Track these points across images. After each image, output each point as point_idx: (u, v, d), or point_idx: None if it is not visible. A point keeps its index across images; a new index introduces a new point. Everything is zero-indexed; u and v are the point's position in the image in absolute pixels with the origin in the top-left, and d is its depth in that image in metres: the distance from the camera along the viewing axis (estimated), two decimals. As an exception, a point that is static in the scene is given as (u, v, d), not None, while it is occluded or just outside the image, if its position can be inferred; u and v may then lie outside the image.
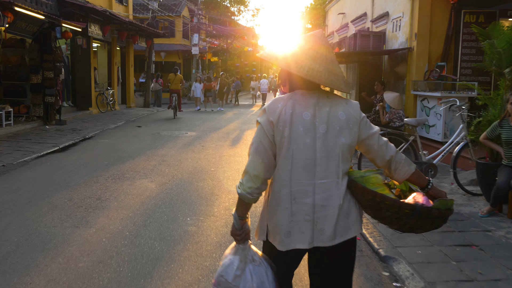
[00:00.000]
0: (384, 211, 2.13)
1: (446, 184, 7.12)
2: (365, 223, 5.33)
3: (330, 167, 2.13)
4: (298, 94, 2.19)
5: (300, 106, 2.14)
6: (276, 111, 2.14)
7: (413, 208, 2.08)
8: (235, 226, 2.28)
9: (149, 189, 6.88)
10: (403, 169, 2.25)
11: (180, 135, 13.15)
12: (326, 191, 2.13)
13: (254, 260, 2.25)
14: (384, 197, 2.11)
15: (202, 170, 8.36)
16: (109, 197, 6.38)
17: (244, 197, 2.18)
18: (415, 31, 10.69)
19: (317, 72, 2.12)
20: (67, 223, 5.25)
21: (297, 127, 2.11)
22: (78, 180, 7.32)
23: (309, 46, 2.18)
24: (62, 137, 11.89)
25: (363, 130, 2.21)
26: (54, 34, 14.08)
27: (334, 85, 2.17)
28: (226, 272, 2.25)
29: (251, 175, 2.16)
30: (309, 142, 2.11)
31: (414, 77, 10.73)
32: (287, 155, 2.12)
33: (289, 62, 2.17)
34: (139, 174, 7.84)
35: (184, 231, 5.05)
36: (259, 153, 2.17)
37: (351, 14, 17.07)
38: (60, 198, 6.29)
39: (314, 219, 2.13)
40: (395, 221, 2.15)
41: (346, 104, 2.20)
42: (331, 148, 2.13)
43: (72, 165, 8.62)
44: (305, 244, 2.14)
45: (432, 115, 9.93)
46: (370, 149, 2.25)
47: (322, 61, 2.15)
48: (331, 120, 2.13)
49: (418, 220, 2.10)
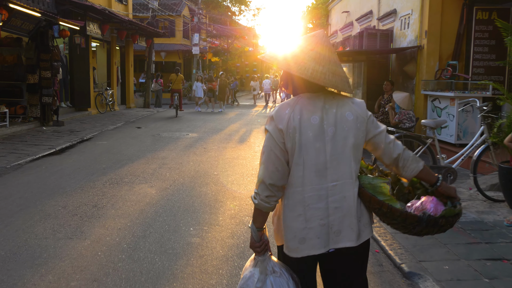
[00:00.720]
0: (390, 219, 2.17)
1: (464, 189, 6.71)
2: (383, 233, 4.93)
3: (342, 169, 2.12)
4: (304, 97, 2.17)
5: (307, 110, 2.12)
6: (284, 118, 2.11)
7: (419, 220, 2.09)
8: (253, 238, 2.25)
9: (149, 195, 6.47)
10: (411, 166, 2.24)
11: (181, 136, 12.74)
12: (340, 192, 2.12)
13: (275, 271, 2.22)
14: (390, 208, 2.12)
15: (204, 174, 7.96)
16: (106, 204, 5.97)
17: (262, 206, 2.16)
18: (425, 29, 10.29)
19: (320, 74, 2.09)
20: (60, 234, 4.84)
21: (307, 133, 2.09)
22: (74, 185, 6.92)
23: (311, 48, 2.15)
24: (59, 138, 11.48)
25: (371, 129, 2.20)
26: (51, 33, 13.68)
27: (339, 87, 2.15)
28: (247, 285, 2.22)
29: (267, 184, 2.13)
30: (319, 146, 2.10)
31: (424, 77, 10.32)
32: (299, 161, 2.10)
33: (291, 64, 2.13)
34: (138, 179, 7.43)
35: (187, 243, 4.64)
36: (272, 161, 2.13)
37: (356, 12, 16.67)
38: (54, 205, 5.88)
39: (329, 223, 2.11)
40: (402, 228, 2.20)
41: (352, 103, 2.19)
42: (341, 149, 2.11)
43: (68, 168, 8.21)
44: (320, 249, 2.12)
45: (444, 115, 9.52)
46: (377, 147, 2.24)
47: (325, 62, 2.12)
48: (339, 121, 2.12)
49: (424, 228, 2.14)
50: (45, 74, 13.47)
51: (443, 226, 2.15)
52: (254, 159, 9.49)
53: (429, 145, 6.09)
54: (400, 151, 2.24)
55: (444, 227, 2.17)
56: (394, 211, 2.12)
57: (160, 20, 31.75)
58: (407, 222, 2.12)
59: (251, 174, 8.03)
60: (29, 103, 13.55)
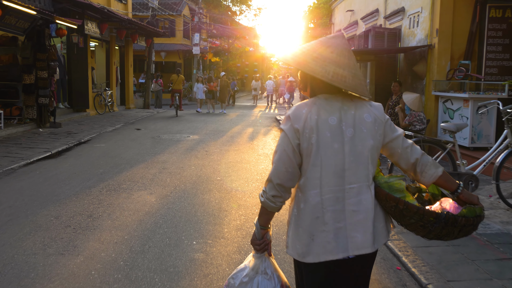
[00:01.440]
0: (407, 218, 2.07)
1: (484, 196, 6.30)
2: (403, 247, 4.52)
3: (360, 171, 2.07)
4: (321, 98, 2.13)
5: (325, 111, 2.08)
6: (301, 118, 2.07)
7: (437, 216, 2.01)
8: (256, 235, 2.24)
9: (148, 203, 6.06)
10: (429, 171, 2.17)
11: (181, 138, 12.33)
12: (357, 195, 2.06)
13: (266, 273, 2.20)
14: (406, 204, 2.05)
15: (207, 179, 7.55)
16: (102, 213, 5.56)
17: (268, 205, 2.14)
18: (436, 27, 9.87)
19: (341, 77, 2.06)
20: (51, 248, 4.43)
21: (324, 133, 2.04)
22: (68, 192, 6.50)
23: (331, 50, 2.11)
24: (56, 141, 11.07)
25: (388, 133, 2.16)
26: (48, 32, 13.28)
27: (359, 91, 2.10)
28: (236, 275, 2.23)
29: (274, 184, 2.10)
30: (337, 147, 2.05)
31: (435, 77, 9.91)
32: (316, 162, 2.05)
33: (312, 66, 2.08)
34: (137, 185, 7.02)
35: (189, 260, 4.22)
36: (282, 161, 2.09)
37: (361, 11, 16.26)
38: (46, 215, 5.47)
39: (346, 226, 2.05)
40: (420, 229, 2.08)
41: (370, 106, 2.16)
42: (360, 151, 2.07)
43: (64, 173, 7.80)
44: (338, 254, 2.04)
45: (457, 118, 9.12)
46: (394, 152, 2.19)
47: (345, 65, 2.09)
48: (357, 123, 2.08)
49: (444, 228, 2.02)
50: (41, 74, 13.07)
51: (465, 226, 2.04)
52: (258, 163, 9.08)
53: (449, 150, 5.67)
54: (418, 156, 2.18)
55: (466, 229, 2.06)
56: (410, 207, 2.04)
57: (160, 20, 31.34)
58: (425, 219, 2.02)
59: (256, 179, 7.62)
60: (25, 104, 13.15)
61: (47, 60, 13.14)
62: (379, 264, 4.26)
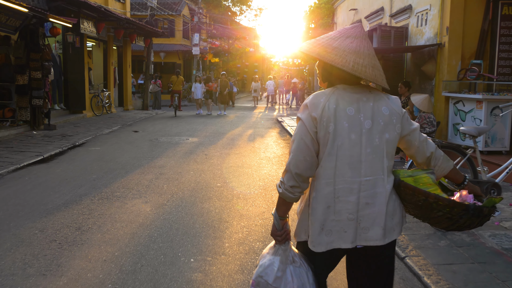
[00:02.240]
0: (435, 211, 2.09)
1: (503, 205, 5.86)
2: (424, 265, 4.06)
3: (376, 164, 2.07)
4: (340, 88, 2.12)
5: (344, 101, 2.07)
6: (319, 106, 2.06)
7: (467, 208, 2.05)
8: (275, 226, 2.22)
9: (143, 213, 5.60)
10: (442, 165, 2.24)
11: (180, 141, 11.87)
12: (372, 188, 2.06)
13: (295, 261, 2.18)
14: (438, 197, 2.06)
15: (206, 186, 7.10)
16: (92, 226, 5.10)
17: (286, 196, 2.13)
18: (446, 25, 9.44)
19: (362, 67, 2.04)
20: (32, 268, 3.97)
21: (342, 123, 2.04)
22: (57, 201, 6.05)
23: (350, 40, 2.10)
24: (49, 144, 10.62)
25: (405, 126, 2.16)
26: (42, 31, 12.82)
27: (378, 81, 2.08)
28: (266, 273, 2.18)
29: (293, 173, 2.08)
30: (355, 138, 2.04)
31: (445, 77, 9.47)
32: (332, 151, 2.05)
33: (332, 56, 2.07)
34: (131, 192, 6.57)
35: (186, 281, 3.77)
36: (301, 150, 2.07)
37: (365, 9, 15.83)
38: (31, 227, 5.01)
39: (357, 218, 2.06)
40: (445, 221, 2.11)
41: (387, 99, 2.15)
42: (377, 144, 2.07)
43: (54, 180, 7.35)
44: (347, 243, 2.06)
45: (469, 120, 8.67)
46: (411, 145, 2.21)
47: (365, 55, 2.07)
48: (375, 115, 2.08)
49: (469, 219, 2.08)
50: (35, 74, 12.61)
51: (486, 216, 2.10)
52: (260, 168, 8.63)
53: (469, 156, 5.22)
54: (433, 150, 2.23)
55: (486, 218, 2.12)
56: (441, 200, 2.05)
57: (159, 20, 30.91)
58: (454, 211, 2.05)
59: (258, 186, 7.17)
60: (18, 106, 12.67)
61: (41, 60, 12.68)
62: (397, 285, 3.81)
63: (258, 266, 2.23)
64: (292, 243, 2.24)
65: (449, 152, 5.24)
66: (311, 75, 37.68)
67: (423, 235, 4.82)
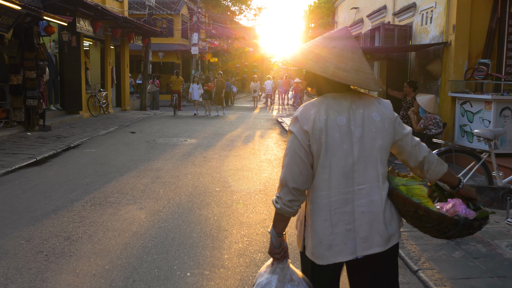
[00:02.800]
0: (425, 222, 2.08)
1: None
2: (439, 279, 3.76)
3: (369, 172, 2.03)
4: (329, 97, 2.07)
5: (333, 110, 2.03)
6: (309, 119, 2.02)
7: (456, 223, 2.06)
8: (273, 244, 2.15)
9: (137, 221, 5.29)
10: (436, 169, 2.20)
11: (178, 143, 11.56)
12: (367, 196, 2.03)
13: (293, 280, 2.13)
14: (428, 211, 2.05)
15: (204, 190, 6.79)
16: (82, 235, 4.79)
17: (285, 211, 2.07)
18: (452, 23, 9.13)
19: (343, 72, 1.99)
20: (14, 284, 3.65)
21: (333, 134, 2.00)
22: (47, 208, 5.74)
23: (333, 45, 2.04)
24: (43, 146, 10.30)
25: (398, 130, 2.12)
26: (37, 30, 12.50)
27: (363, 84, 2.03)
28: None
29: (290, 188, 2.03)
30: (346, 148, 2.01)
31: (451, 77, 9.15)
32: (325, 163, 2.01)
33: (313, 64, 2.03)
34: (126, 198, 6.25)
35: (182, 299, 3.46)
36: (296, 164, 2.02)
37: (367, 8, 15.52)
38: (17, 237, 4.70)
39: (355, 227, 2.02)
40: (434, 231, 2.13)
41: (378, 104, 2.10)
42: (369, 151, 2.03)
43: (46, 184, 7.04)
44: (347, 256, 2.02)
45: (477, 121, 8.36)
46: (403, 150, 2.17)
47: (348, 59, 2.02)
48: (366, 122, 2.04)
49: (458, 231, 2.09)
50: (29, 74, 12.28)
51: (476, 228, 2.12)
52: (260, 171, 8.33)
53: (484, 161, 4.91)
54: (426, 154, 2.18)
55: (476, 230, 2.14)
56: (431, 214, 2.05)
57: (158, 19, 30.60)
58: (443, 225, 2.07)
59: (259, 190, 6.87)
60: (12, 106, 12.32)
61: (36, 60, 12.36)
62: (411, 302, 3.51)
63: (256, 285, 2.18)
64: (290, 261, 2.19)
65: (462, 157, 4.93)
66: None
67: (436, 245, 4.52)
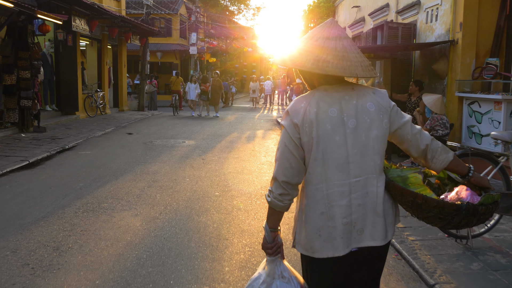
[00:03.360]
0: (426, 211, 2.00)
1: (534, 218, 5.26)
2: (459, 296, 3.46)
3: (365, 163, 1.98)
4: (320, 90, 2.05)
5: (324, 102, 1.99)
6: (299, 112, 2.00)
7: (458, 208, 1.94)
8: (266, 239, 2.12)
9: (132, 229, 4.98)
10: (440, 157, 2.11)
11: (176, 144, 11.25)
12: (362, 188, 1.98)
13: (283, 277, 2.10)
14: (425, 198, 1.98)
15: (203, 195, 6.48)
16: (73, 245, 4.48)
17: (276, 205, 2.05)
18: (460, 21, 8.83)
19: (323, 63, 1.95)
20: (-5, 302, 3.36)
21: (325, 126, 1.96)
22: (36, 214, 5.42)
23: (316, 38, 2.03)
24: (37, 148, 9.98)
25: (395, 120, 2.06)
26: (31, 28, 12.18)
27: (347, 72, 1.96)
28: (252, 286, 2.12)
29: (280, 182, 2.01)
30: (339, 140, 1.97)
31: (458, 76, 8.86)
32: (317, 156, 1.97)
33: (294, 60, 2.03)
34: (120, 203, 5.94)
35: (179, 319, 3.15)
36: (286, 158, 2.01)
37: (368, 6, 15.23)
38: (2, 248, 4.38)
39: (352, 221, 1.98)
40: (439, 221, 2.02)
41: (373, 93, 2.06)
42: (364, 142, 1.98)
43: (38, 188, 6.72)
44: (344, 250, 1.98)
45: (486, 122, 8.07)
46: (403, 139, 2.10)
47: (330, 49, 1.98)
48: (359, 113, 1.99)
49: (464, 218, 1.97)
50: (23, 74, 11.97)
51: (484, 214, 1.98)
52: (261, 174, 8.02)
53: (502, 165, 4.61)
54: (428, 142, 2.11)
55: (485, 216, 2.00)
56: (429, 202, 1.97)
57: (156, 19, 30.29)
58: (444, 212, 1.96)
59: (260, 195, 6.56)
60: (6, 107, 11.99)
61: (30, 59, 12.04)
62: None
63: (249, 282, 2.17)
64: (281, 258, 2.15)
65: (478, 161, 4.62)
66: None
67: (451, 256, 4.22)
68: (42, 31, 12.28)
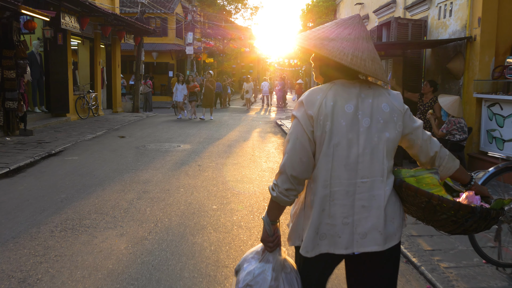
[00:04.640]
0: (439, 214, 1.94)
1: None
2: None
3: (374, 165, 1.91)
4: (338, 84, 1.96)
5: (341, 97, 1.92)
6: (315, 103, 1.90)
7: (473, 211, 1.92)
8: (266, 232, 2.05)
9: (115, 253, 4.25)
10: (447, 165, 2.09)
11: (170, 148, 10.52)
12: (369, 190, 1.92)
13: (285, 267, 2.05)
14: (441, 199, 1.91)
15: (199, 209, 5.76)
16: (43, 275, 3.74)
17: (280, 200, 1.96)
18: (478, 15, 8.13)
19: (361, 60, 1.90)
20: None
21: (339, 121, 1.89)
22: (6, 234, 4.69)
23: (348, 32, 1.95)
24: (20, 153, 9.24)
25: (408, 124, 2.01)
26: (17, 25, 11.45)
27: (378, 75, 1.93)
28: (257, 281, 1.98)
29: (288, 176, 1.92)
30: (352, 138, 1.90)
31: (476, 75, 8.16)
32: (328, 152, 1.90)
33: (329, 49, 1.90)
34: (105, 219, 5.21)
35: None
36: (296, 151, 1.91)
37: (373, 3, 14.55)
38: (-44, 280, 3.66)
39: (353, 222, 1.92)
40: (450, 224, 1.97)
41: (388, 95, 1.99)
42: (375, 143, 1.92)
43: (14, 200, 5.99)
44: (340, 249, 1.92)
45: (509, 125, 7.38)
46: (413, 144, 2.06)
47: (363, 48, 1.93)
48: (374, 112, 1.92)
49: (475, 222, 1.94)
50: (8, 74, 11.21)
51: (493, 219, 1.96)
52: (262, 182, 7.31)
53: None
54: (438, 149, 2.08)
55: (493, 221, 1.98)
56: (446, 202, 1.90)
57: (151, 18, 29.54)
58: (459, 214, 1.91)
59: (263, 208, 5.85)
60: (-11, 109, 11.29)
61: (15, 58, 11.28)
62: None
63: (244, 271, 2.04)
64: (284, 250, 2.10)
65: None
66: (307, 76, 36.46)
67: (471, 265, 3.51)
68: (28, 28, 11.54)
